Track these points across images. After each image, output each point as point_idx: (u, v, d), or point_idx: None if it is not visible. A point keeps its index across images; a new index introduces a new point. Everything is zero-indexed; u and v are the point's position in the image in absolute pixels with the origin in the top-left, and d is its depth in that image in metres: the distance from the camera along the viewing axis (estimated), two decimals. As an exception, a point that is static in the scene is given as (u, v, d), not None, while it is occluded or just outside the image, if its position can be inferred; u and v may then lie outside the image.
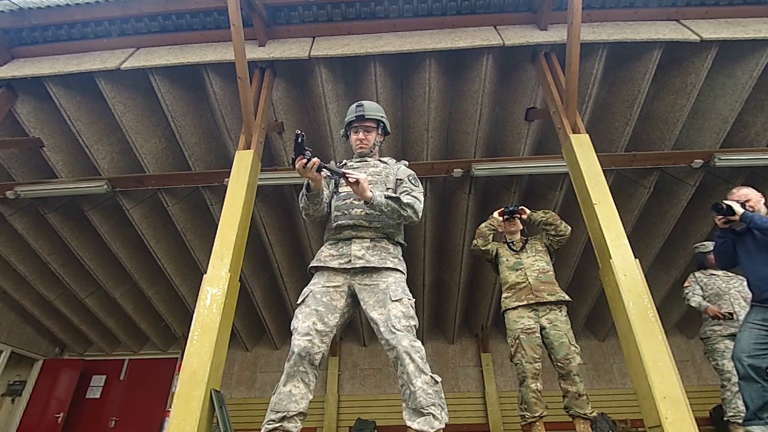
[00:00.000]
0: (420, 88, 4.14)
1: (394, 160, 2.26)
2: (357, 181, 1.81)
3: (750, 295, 2.95)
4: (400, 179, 2.10)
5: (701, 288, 3.93)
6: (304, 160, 1.76)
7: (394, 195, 1.92)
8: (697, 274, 4.05)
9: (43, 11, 3.95)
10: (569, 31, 3.31)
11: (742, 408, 3.36)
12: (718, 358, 3.67)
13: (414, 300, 1.91)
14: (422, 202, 2.04)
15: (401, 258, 2.05)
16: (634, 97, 4.06)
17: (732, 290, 3.82)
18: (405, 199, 1.94)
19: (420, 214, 1.99)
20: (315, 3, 3.97)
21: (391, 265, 1.93)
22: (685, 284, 4.05)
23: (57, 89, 4.02)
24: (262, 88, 3.91)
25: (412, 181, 2.09)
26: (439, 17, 4.09)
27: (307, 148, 1.77)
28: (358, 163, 2.19)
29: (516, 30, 3.98)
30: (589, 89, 4.10)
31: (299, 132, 1.75)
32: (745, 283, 3.57)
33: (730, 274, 3.98)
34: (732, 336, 3.60)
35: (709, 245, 4.06)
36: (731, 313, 3.67)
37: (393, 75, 4.19)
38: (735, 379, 3.37)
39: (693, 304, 3.86)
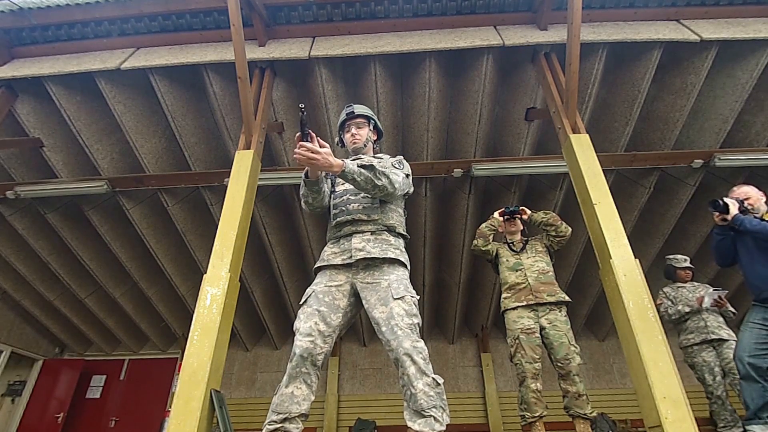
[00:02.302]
0: (420, 88, 4.13)
1: (389, 156, 2.25)
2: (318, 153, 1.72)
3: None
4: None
5: (671, 302, 4.07)
6: (302, 143, 1.73)
7: (368, 164, 1.88)
8: (665, 289, 4.19)
9: (43, 11, 3.94)
10: (569, 31, 3.31)
11: (731, 418, 3.60)
12: (698, 371, 3.83)
13: (417, 297, 1.90)
14: (402, 179, 1.99)
15: (403, 249, 2.02)
16: (634, 97, 4.06)
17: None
18: (380, 167, 1.89)
19: (396, 186, 1.93)
20: (315, 3, 3.97)
21: (392, 256, 1.90)
22: (658, 302, 4.13)
23: (57, 89, 4.02)
24: (262, 88, 3.91)
25: (396, 165, 2.09)
26: (439, 17, 4.09)
27: (307, 129, 1.73)
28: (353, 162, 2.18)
29: (516, 30, 3.98)
30: (589, 89, 4.10)
31: (302, 107, 1.71)
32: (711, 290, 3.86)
33: (696, 283, 4.15)
34: (704, 342, 3.82)
35: (681, 258, 4.25)
36: (720, 297, 3.79)
37: (393, 75, 4.19)
38: (717, 392, 3.67)
39: (675, 317, 4.00)
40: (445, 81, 4.23)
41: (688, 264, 4.21)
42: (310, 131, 1.75)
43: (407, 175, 2.09)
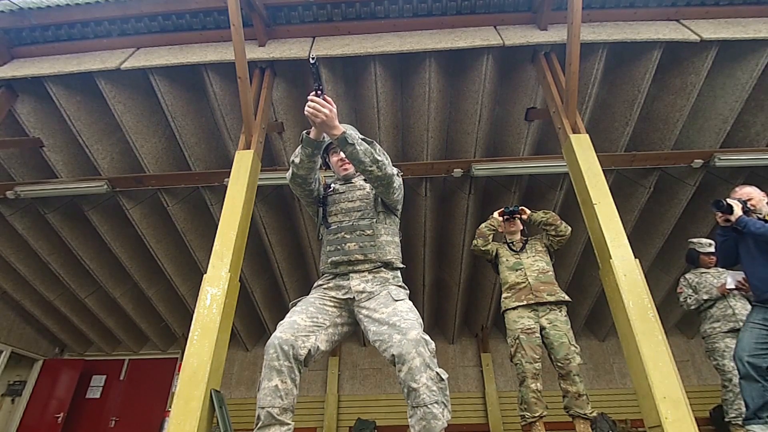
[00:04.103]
0: (420, 88, 4.13)
1: None
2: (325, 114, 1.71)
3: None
4: None
5: (693, 289, 3.84)
6: (312, 97, 1.70)
7: (369, 139, 1.85)
8: (687, 276, 3.95)
9: (43, 11, 3.94)
10: (569, 31, 3.31)
11: (744, 409, 3.33)
12: (718, 357, 3.56)
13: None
14: (396, 177, 1.95)
15: (403, 284, 2.00)
16: (634, 97, 4.06)
17: None
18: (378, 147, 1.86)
19: (392, 178, 1.89)
20: (315, 3, 3.97)
21: (393, 295, 1.88)
22: (678, 290, 3.96)
23: (57, 89, 4.02)
24: (262, 88, 3.91)
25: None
26: (439, 17, 4.09)
27: (320, 84, 1.72)
28: (344, 186, 2.09)
29: (516, 30, 3.98)
30: (589, 89, 4.10)
31: (313, 59, 1.66)
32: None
33: (721, 270, 3.85)
34: (732, 331, 3.50)
35: (705, 243, 3.95)
36: (744, 279, 3.41)
37: (393, 75, 4.19)
38: (736, 379, 3.22)
39: (693, 306, 3.78)
40: (445, 81, 4.23)
41: (713, 249, 3.79)
42: (322, 87, 1.74)
43: (400, 185, 2.02)
